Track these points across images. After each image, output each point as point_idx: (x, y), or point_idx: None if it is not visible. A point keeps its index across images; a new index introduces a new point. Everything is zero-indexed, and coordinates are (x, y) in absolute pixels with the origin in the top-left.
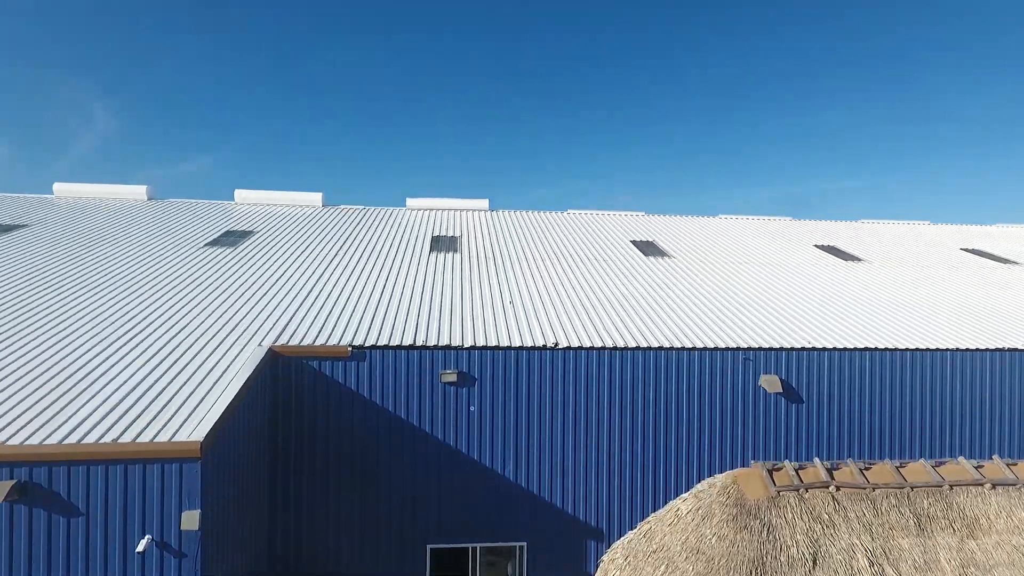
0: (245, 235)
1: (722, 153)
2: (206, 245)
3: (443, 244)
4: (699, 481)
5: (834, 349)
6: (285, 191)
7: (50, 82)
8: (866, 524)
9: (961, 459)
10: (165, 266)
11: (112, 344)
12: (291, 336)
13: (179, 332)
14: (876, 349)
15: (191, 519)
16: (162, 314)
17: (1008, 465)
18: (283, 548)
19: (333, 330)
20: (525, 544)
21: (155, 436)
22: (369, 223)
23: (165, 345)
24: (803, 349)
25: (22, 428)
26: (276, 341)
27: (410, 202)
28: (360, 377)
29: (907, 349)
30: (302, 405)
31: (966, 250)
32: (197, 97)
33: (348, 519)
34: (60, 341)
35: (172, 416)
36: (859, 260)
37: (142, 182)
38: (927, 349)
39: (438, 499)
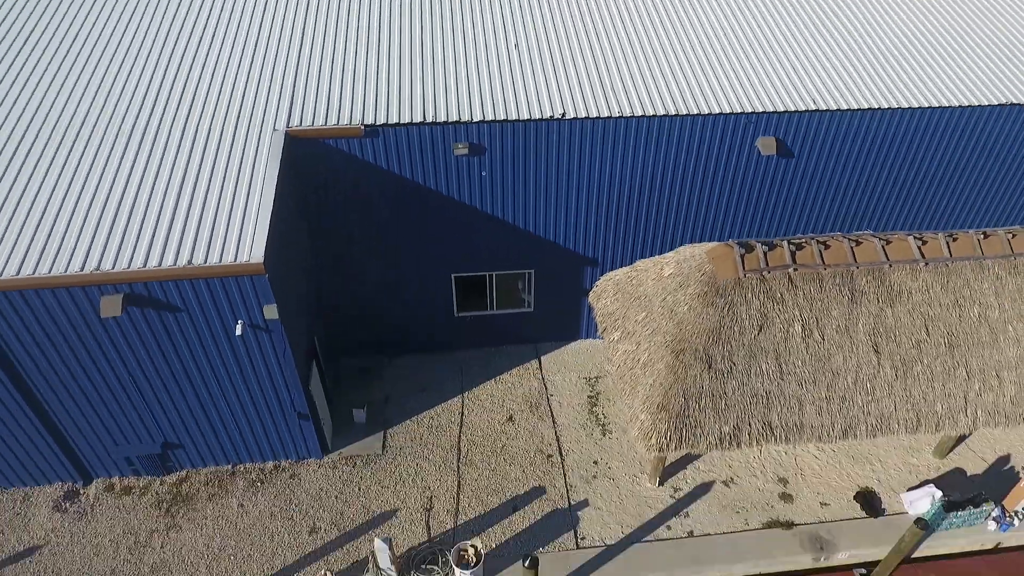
0: None
1: None
2: None
3: None
4: (686, 238)
5: (837, 110)
6: None
7: None
8: (810, 299)
9: (910, 238)
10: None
11: (134, 153)
12: (302, 115)
13: (196, 122)
14: (878, 109)
15: (271, 311)
16: (173, 96)
17: (949, 242)
18: (331, 300)
19: (341, 105)
20: (533, 271)
21: (221, 254)
22: None
23: (181, 139)
24: (804, 112)
25: (103, 253)
26: (289, 122)
27: None
28: (376, 152)
29: (908, 108)
30: (325, 181)
31: None
32: None
33: (383, 265)
34: (85, 156)
35: (227, 229)
36: None
37: None
38: (927, 107)
39: (458, 243)
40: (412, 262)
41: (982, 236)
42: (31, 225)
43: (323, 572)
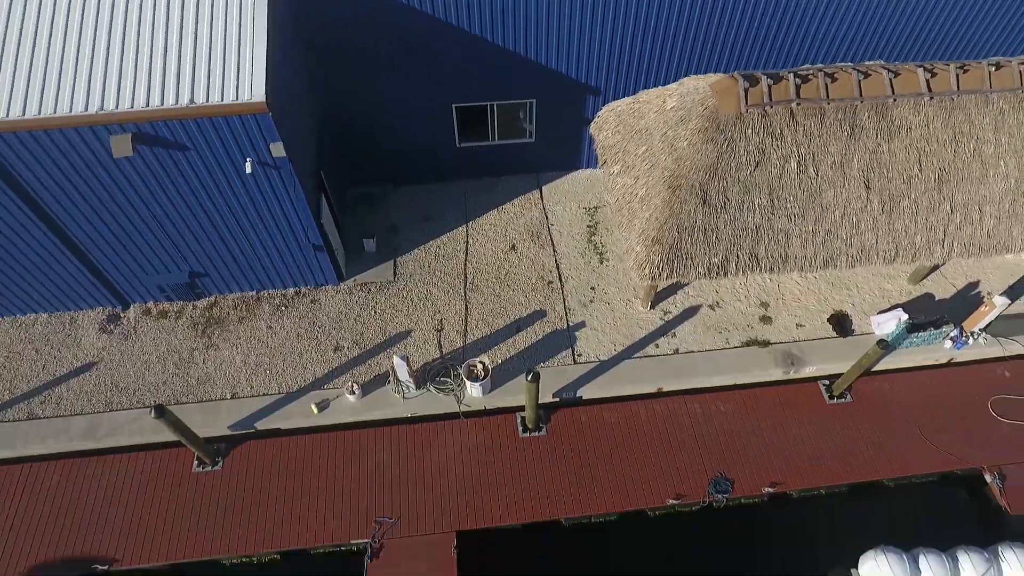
0: None
1: None
2: None
3: None
4: (691, 68)
5: None
6: None
7: None
8: (809, 135)
9: (920, 70)
10: None
11: None
12: None
13: None
14: None
15: (277, 149)
16: None
17: (959, 74)
18: (330, 128)
19: None
20: (534, 101)
21: (222, 92)
22: None
23: None
24: None
25: (104, 93)
26: None
27: None
28: None
29: None
30: (316, 4)
31: None
32: None
33: (381, 95)
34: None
35: (224, 64)
36: None
37: None
38: None
39: (458, 71)
40: (412, 91)
41: (994, 68)
42: (23, 67)
43: (350, 384)
